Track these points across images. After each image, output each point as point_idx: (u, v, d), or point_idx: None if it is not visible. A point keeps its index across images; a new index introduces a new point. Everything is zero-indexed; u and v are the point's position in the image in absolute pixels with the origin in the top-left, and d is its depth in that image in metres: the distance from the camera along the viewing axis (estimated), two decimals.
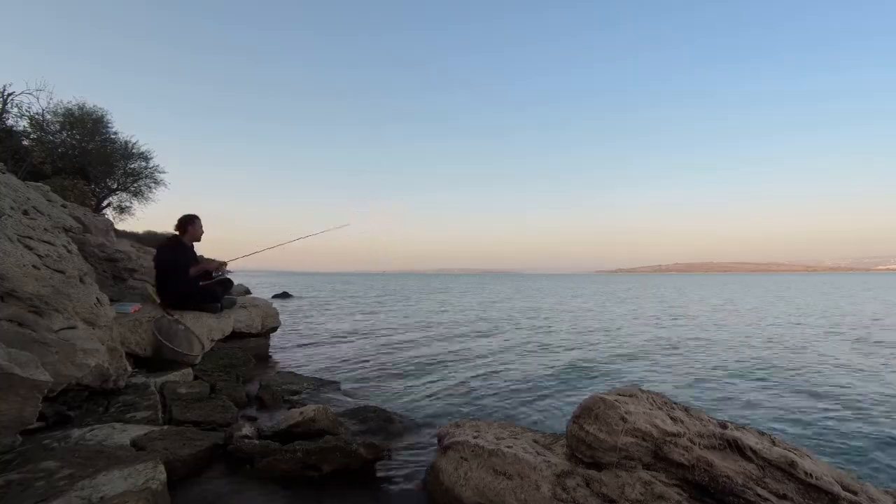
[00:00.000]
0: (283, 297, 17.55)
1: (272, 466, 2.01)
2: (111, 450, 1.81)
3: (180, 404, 2.65)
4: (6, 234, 2.39)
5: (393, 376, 4.48)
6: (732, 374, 4.83)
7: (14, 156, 12.17)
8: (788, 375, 4.75)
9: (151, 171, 17.04)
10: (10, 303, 2.23)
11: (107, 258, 4.96)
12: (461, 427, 2.26)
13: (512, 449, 1.89)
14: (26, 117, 13.71)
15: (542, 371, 4.86)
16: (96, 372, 2.40)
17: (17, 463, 1.61)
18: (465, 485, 1.82)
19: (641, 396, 1.93)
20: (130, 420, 2.33)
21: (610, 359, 5.67)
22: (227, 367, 3.69)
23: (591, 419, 1.75)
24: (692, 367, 5.19)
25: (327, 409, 2.56)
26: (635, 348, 6.46)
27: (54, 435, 1.97)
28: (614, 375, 4.78)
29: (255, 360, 4.38)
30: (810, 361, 5.48)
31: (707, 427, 1.79)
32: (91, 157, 14.65)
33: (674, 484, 1.64)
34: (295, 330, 7.80)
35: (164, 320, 3.53)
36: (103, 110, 15.41)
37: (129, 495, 1.46)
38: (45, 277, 2.42)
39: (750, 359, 5.64)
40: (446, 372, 4.75)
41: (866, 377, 4.68)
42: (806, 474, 1.58)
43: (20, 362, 1.71)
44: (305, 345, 6.28)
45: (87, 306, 2.64)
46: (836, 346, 6.58)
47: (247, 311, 4.94)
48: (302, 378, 4.03)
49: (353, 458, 2.07)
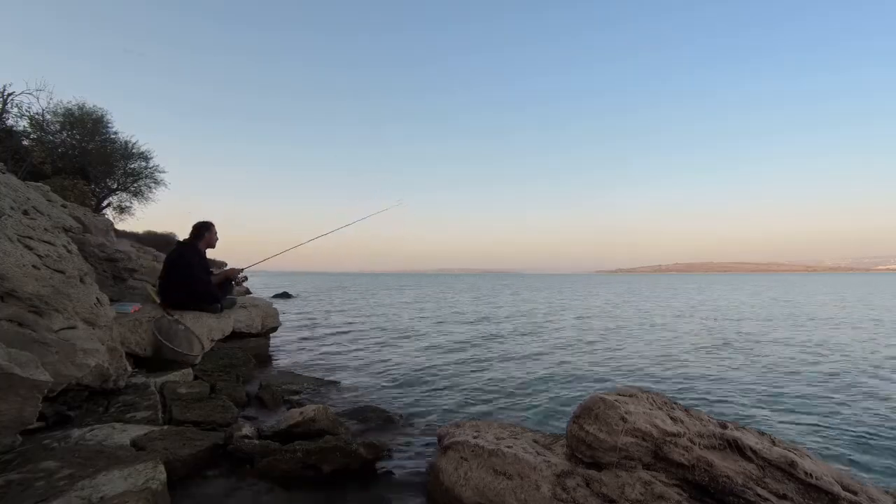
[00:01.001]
0: (283, 297, 17.55)
1: (272, 466, 2.01)
2: (111, 450, 1.81)
3: (180, 404, 2.65)
4: (6, 234, 2.38)
5: (393, 376, 4.48)
6: (734, 374, 4.83)
7: (14, 156, 12.16)
8: (788, 376, 4.75)
9: (151, 171, 17.03)
10: (10, 303, 2.23)
11: (107, 258, 4.95)
12: (461, 427, 2.26)
13: (512, 449, 1.89)
14: (26, 117, 13.70)
15: (543, 371, 4.86)
16: (96, 372, 2.40)
17: (17, 463, 1.61)
18: (465, 485, 1.82)
19: (641, 396, 1.93)
20: (130, 420, 2.32)
21: (610, 359, 5.67)
22: (227, 367, 3.69)
23: (591, 419, 1.75)
24: (693, 367, 5.19)
25: (327, 409, 2.56)
26: (636, 348, 6.46)
27: (54, 435, 1.97)
28: (614, 375, 4.78)
29: (255, 360, 4.38)
30: (819, 361, 5.48)
31: (707, 427, 1.79)
32: (91, 157, 14.64)
33: (674, 484, 1.64)
34: (295, 330, 7.80)
35: (164, 320, 3.53)
36: (103, 110, 15.41)
37: (129, 495, 1.46)
38: (45, 277, 2.42)
39: (750, 359, 5.64)
40: (446, 372, 4.75)
41: (872, 377, 4.68)
42: (806, 474, 1.58)
43: (20, 362, 1.71)
44: (305, 345, 6.28)
45: (87, 306, 2.64)
46: (844, 345, 6.58)
47: (247, 311, 4.94)
48: (302, 378, 4.03)
49: (353, 458, 2.07)
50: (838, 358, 5.70)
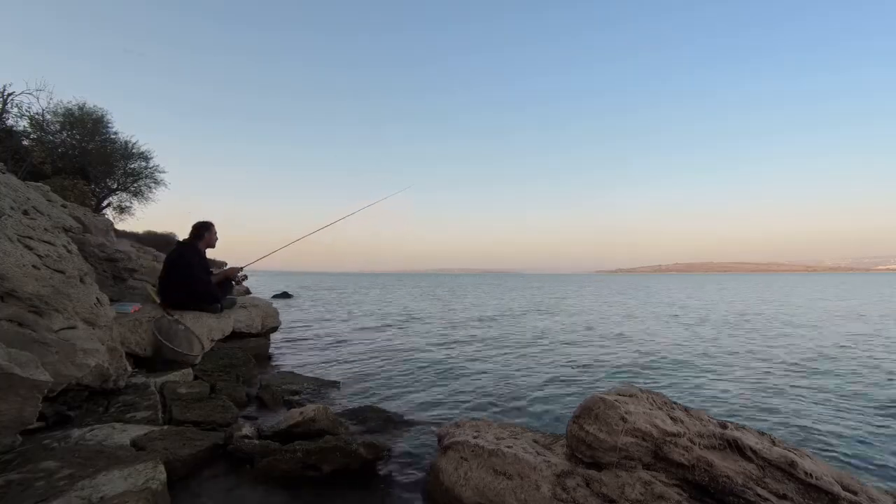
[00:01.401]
0: (283, 297, 17.55)
1: (272, 466, 2.01)
2: (111, 450, 1.81)
3: (180, 404, 2.65)
4: (6, 234, 2.39)
5: (393, 376, 4.48)
6: (734, 374, 4.83)
7: (14, 156, 12.16)
8: (790, 376, 4.75)
9: (151, 171, 17.05)
10: (10, 303, 2.23)
11: (107, 258, 4.96)
12: (461, 427, 2.26)
13: (512, 449, 1.89)
14: (26, 117, 13.72)
15: (543, 371, 4.86)
16: (96, 372, 2.40)
17: (17, 463, 1.61)
18: (465, 485, 1.82)
19: (641, 396, 1.94)
20: (130, 420, 2.32)
21: (610, 359, 5.67)
22: (227, 367, 3.69)
23: (591, 419, 1.75)
24: (693, 367, 5.19)
25: (327, 409, 2.56)
26: (635, 349, 6.46)
27: (54, 435, 1.97)
28: (615, 375, 4.78)
29: (255, 360, 4.37)
30: (815, 360, 5.49)
31: (707, 427, 1.79)
32: (91, 157, 14.64)
33: (674, 484, 1.64)
34: (295, 330, 7.80)
35: (164, 320, 3.53)
36: (103, 110, 15.43)
37: (129, 495, 1.46)
38: (45, 277, 2.42)
39: (751, 359, 5.64)
40: (446, 372, 4.75)
41: (874, 378, 4.68)
42: (806, 474, 1.58)
43: (20, 362, 1.71)
44: (305, 345, 6.28)
45: (87, 306, 2.64)
46: (844, 347, 6.58)
47: (247, 311, 4.94)
48: (302, 378, 4.03)
49: (353, 458, 2.07)
50: (838, 358, 5.70)
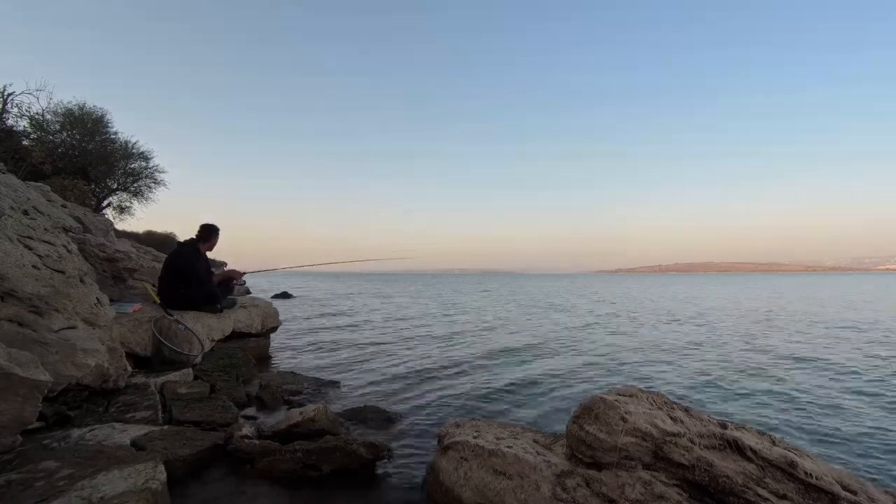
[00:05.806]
0: (283, 297, 17.53)
1: (272, 466, 2.01)
2: (111, 450, 1.81)
3: (180, 404, 2.65)
4: (6, 234, 2.39)
5: (393, 376, 4.48)
6: (734, 373, 4.83)
7: (14, 156, 12.16)
8: (789, 376, 4.75)
9: (151, 171, 17.05)
10: (10, 303, 2.23)
11: (107, 258, 4.95)
12: (461, 427, 2.26)
13: (512, 449, 1.89)
14: (26, 117, 13.72)
15: (543, 371, 4.86)
16: (96, 372, 2.40)
17: (17, 463, 1.61)
18: (465, 485, 1.82)
19: (641, 396, 1.94)
20: (130, 420, 2.32)
21: (610, 359, 5.67)
22: (227, 367, 3.69)
23: (591, 419, 1.75)
24: (693, 367, 5.19)
25: (327, 409, 2.56)
26: (636, 349, 6.46)
27: (54, 435, 1.97)
28: (615, 375, 4.78)
29: (255, 360, 4.38)
30: (813, 362, 5.48)
31: (707, 427, 1.79)
32: (91, 157, 14.65)
33: (674, 484, 1.64)
34: (295, 330, 7.80)
35: (164, 320, 3.53)
36: (103, 110, 15.43)
37: (129, 495, 1.46)
38: (45, 277, 2.42)
39: (751, 359, 5.64)
40: (446, 372, 4.75)
41: (873, 378, 4.68)
42: (806, 474, 1.58)
43: (20, 362, 1.71)
44: (305, 345, 6.28)
45: (87, 306, 2.64)
46: (847, 347, 6.58)
47: (247, 311, 4.94)
48: (302, 378, 4.03)
49: (353, 458, 2.08)
50: (838, 357, 5.70)
